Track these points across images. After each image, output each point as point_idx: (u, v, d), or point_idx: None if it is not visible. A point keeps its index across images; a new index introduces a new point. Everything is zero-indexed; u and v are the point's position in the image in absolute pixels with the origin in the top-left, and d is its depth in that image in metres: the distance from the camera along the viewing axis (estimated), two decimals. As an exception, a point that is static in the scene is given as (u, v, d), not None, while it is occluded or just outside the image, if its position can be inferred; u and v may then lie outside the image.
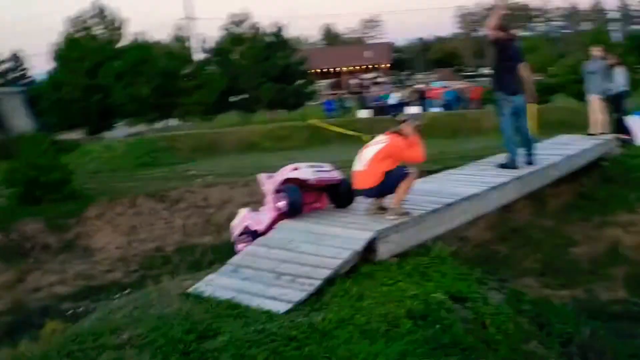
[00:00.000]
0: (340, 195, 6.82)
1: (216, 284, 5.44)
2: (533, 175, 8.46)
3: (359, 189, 6.41)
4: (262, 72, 31.19)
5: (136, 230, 15.12)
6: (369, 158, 6.28)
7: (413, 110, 33.39)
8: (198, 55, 33.43)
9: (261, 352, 4.19)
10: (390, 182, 6.18)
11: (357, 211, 6.63)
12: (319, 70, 60.91)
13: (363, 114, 30.79)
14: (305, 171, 6.47)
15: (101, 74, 27.40)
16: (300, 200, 6.35)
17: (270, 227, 6.51)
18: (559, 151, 10.07)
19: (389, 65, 69.37)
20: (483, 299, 5.56)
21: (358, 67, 67.83)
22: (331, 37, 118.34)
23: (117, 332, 4.66)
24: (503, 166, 8.74)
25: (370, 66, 67.52)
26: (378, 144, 6.35)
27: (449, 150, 18.62)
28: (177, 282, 5.94)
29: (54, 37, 31.84)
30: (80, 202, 15.62)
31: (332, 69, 67.66)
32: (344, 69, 67.14)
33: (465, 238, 10.69)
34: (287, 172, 6.55)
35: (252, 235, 6.72)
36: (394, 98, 34.79)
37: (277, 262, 5.57)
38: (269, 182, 6.71)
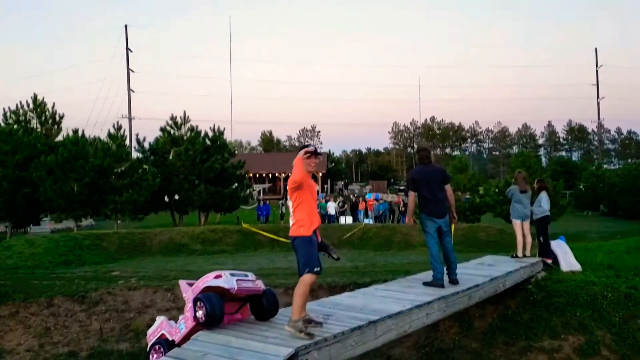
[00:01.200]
0: (263, 306, 6.60)
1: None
2: (457, 296, 8.45)
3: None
4: (197, 174, 31.14)
5: (50, 332, 14.28)
6: (291, 207, 6.24)
7: (347, 220, 33.97)
8: (135, 155, 33.43)
9: None
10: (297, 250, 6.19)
11: (280, 324, 6.40)
12: (255, 175, 61.75)
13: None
14: (227, 280, 6.26)
15: (32, 168, 26.76)
16: (220, 310, 6.09)
17: (187, 338, 6.20)
18: (484, 272, 10.19)
19: (324, 173, 70.84)
20: None
21: (294, 175, 68.76)
22: (270, 143, 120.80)
23: None
24: (428, 284, 8.76)
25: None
26: None
27: (379, 263, 18.71)
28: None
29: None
30: (-8, 300, 14.78)
31: (268, 174, 68.62)
32: (281, 174, 68.18)
33: (391, 357, 10.49)
34: (208, 279, 6.33)
35: (167, 345, 6.38)
36: (332, 207, 35.26)
37: (190, 378, 5.24)
38: (189, 290, 6.46)
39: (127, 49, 59.09)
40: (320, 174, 70.43)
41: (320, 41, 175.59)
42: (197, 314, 6.14)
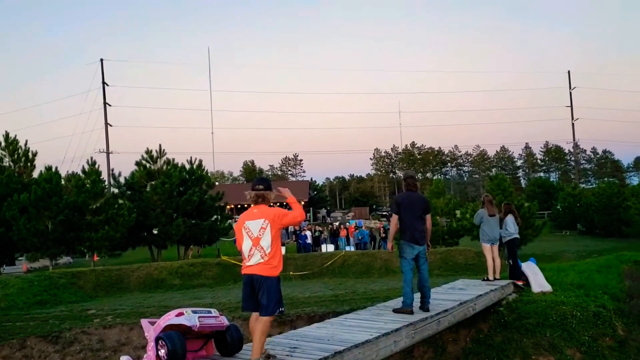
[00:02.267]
0: (227, 342, 6.58)
1: None
2: (425, 322, 8.48)
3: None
4: (175, 208, 30.93)
5: (22, 375, 14.09)
6: (267, 246, 6.08)
7: (329, 248, 33.93)
8: (111, 190, 33.20)
9: None
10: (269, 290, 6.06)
11: (244, 359, 6.38)
12: (237, 205, 61.56)
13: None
14: (189, 317, 6.25)
15: (5, 207, 26.46)
16: (181, 348, 6.06)
17: (150, 378, 6.16)
18: (454, 297, 10.24)
19: (306, 201, 70.88)
20: None
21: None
22: (252, 173, 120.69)
23: None
24: (398, 311, 8.78)
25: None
26: (259, 226, 6.14)
27: (360, 291, 18.68)
28: None
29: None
30: (-38, 345, 14.54)
31: (249, 205, 68.33)
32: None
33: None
34: (170, 317, 6.31)
35: (130, 385, 6.34)
36: (309, 236, 35.29)
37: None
38: (150, 328, 6.43)
39: (104, 82, 59.12)
40: (303, 202, 70.55)
41: (300, 71, 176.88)
42: (159, 352, 6.11)
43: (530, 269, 12.69)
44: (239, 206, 62.97)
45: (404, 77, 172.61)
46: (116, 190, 32.51)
